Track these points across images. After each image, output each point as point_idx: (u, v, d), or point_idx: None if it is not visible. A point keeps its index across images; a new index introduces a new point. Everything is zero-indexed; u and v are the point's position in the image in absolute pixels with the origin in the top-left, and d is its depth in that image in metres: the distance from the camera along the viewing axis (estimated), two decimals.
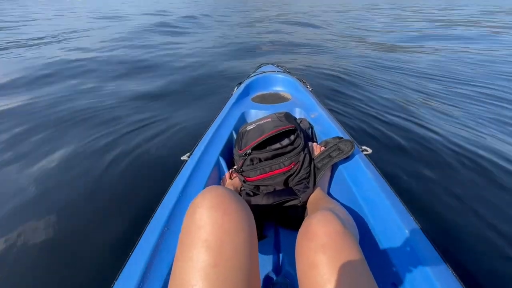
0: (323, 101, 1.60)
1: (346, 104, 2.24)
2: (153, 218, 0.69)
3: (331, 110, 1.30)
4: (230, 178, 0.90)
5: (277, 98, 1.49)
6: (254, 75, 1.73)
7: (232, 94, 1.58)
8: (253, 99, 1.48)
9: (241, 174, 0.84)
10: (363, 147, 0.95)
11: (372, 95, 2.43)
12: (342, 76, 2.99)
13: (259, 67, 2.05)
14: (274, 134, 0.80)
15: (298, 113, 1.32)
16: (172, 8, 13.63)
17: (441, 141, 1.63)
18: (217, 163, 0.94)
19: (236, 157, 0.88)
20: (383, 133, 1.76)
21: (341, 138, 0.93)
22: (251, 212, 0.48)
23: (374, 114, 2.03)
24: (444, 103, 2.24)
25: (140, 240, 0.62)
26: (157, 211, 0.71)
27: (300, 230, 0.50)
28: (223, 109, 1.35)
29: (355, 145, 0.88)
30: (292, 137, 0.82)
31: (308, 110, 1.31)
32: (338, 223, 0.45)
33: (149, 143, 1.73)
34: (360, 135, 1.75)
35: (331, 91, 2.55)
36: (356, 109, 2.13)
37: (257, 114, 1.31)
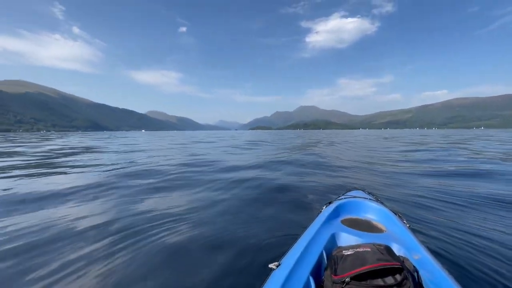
0: (424, 242, 1.41)
1: (459, 247, 1.82)
2: None
3: (437, 255, 1.13)
4: None
5: (369, 227, 1.44)
6: (344, 198, 1.78)
7: (321, 212, 1.64)
8: (343, 222, 1.48)
9: None
10: None
11: (494, 239, 1.91)
12: (445, 212, 2.59)
13: (349, 190, 2.10)
14: (378, 268, 0.78)
15: (396, 250, 1.20)
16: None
17: None
18: (307, 283, 0.92)
19: (327, 283, 0.86)
20: None
21: None
22: None
23: (498, 269, 1.55)
24: None
25: None
26: None
27: None
28: (312, 226, 1.39)
29: None
30: (398, 277, 0.77)
31: (409, 249, 1.18)
32: None
33: (240, 240, 1.87)
34: None
35: (433, 229, 2.19)
36: (473, 257, 1.69)
37: (348, 239, 1.29)
